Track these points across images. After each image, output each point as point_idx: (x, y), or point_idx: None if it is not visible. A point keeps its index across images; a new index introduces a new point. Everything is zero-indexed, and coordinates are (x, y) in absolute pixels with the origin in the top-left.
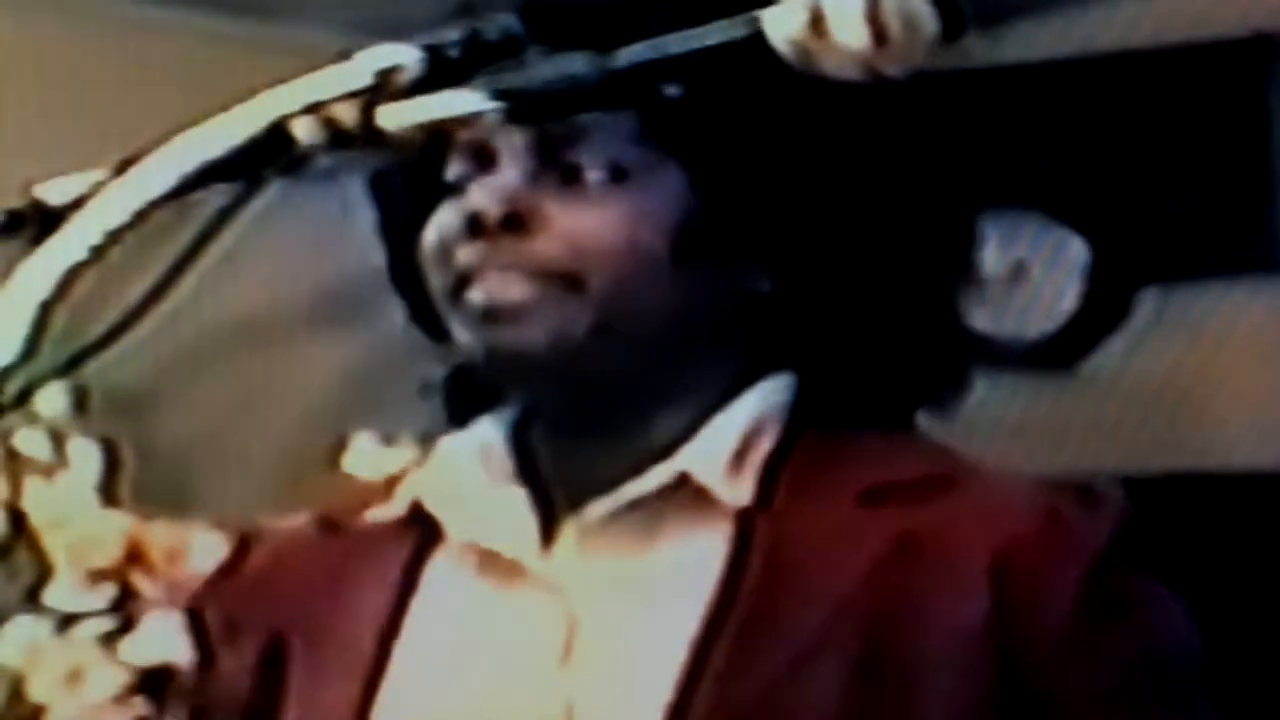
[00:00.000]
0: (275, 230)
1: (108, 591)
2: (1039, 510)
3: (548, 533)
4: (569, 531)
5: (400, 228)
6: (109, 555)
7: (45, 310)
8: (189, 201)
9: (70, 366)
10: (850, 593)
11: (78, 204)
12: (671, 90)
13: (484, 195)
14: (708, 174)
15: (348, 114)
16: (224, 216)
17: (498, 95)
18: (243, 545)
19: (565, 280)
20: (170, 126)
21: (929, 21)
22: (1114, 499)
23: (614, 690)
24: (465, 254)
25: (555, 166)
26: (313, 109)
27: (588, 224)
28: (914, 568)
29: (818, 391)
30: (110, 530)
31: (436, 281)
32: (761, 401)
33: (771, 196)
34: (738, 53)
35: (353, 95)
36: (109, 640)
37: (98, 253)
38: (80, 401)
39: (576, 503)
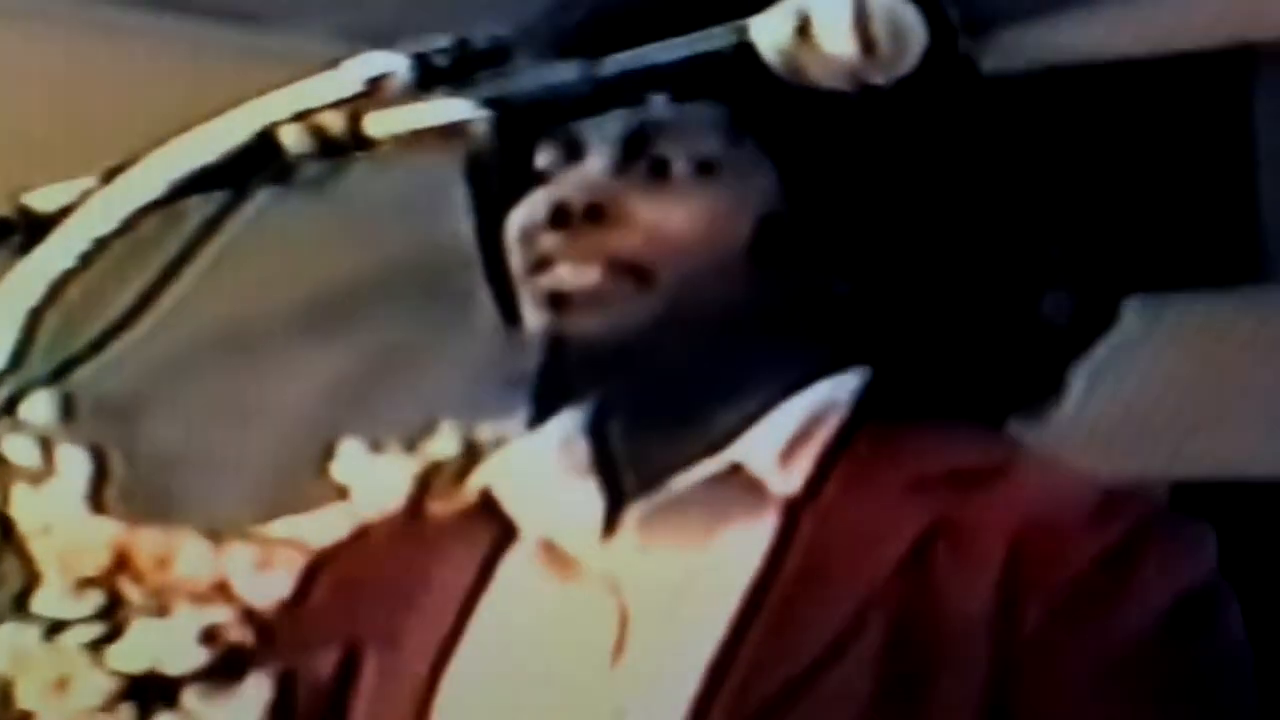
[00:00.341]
0: (263, 238)
1: (95, 598)
2: (1062, 502)
3: (610, 526)
4: (627, 524)
5: (490, 214)
6: (97, 562)
7: (34, 318)
8: (177, 209)
9: (59, 374)
10: (881, 581)
11: (66, 211)
12: (658, 100)
13: (569, 185)
14: (797, 171)
15: (336, 122)
16: (212, 224)
17: (486, 104)
18: (321, 558)
19: (635, 272)
20: (159, 134)
21: (917, 31)
22: (1143, 498)
23: (658, 690)
24: (546, 242)
25: (643, 158)
26: (301, 117)
27: (668, 217)
28: (941, 555)
29: (895, 389)
30: (98, 537)
31: (516, 266)
32: (824, 394)
33: (860, 198)
34: (725, 62)
35: (341, 103)
36: (96, 647)
37: (86, 260)
38: (69, 409)
39: (643, 495)
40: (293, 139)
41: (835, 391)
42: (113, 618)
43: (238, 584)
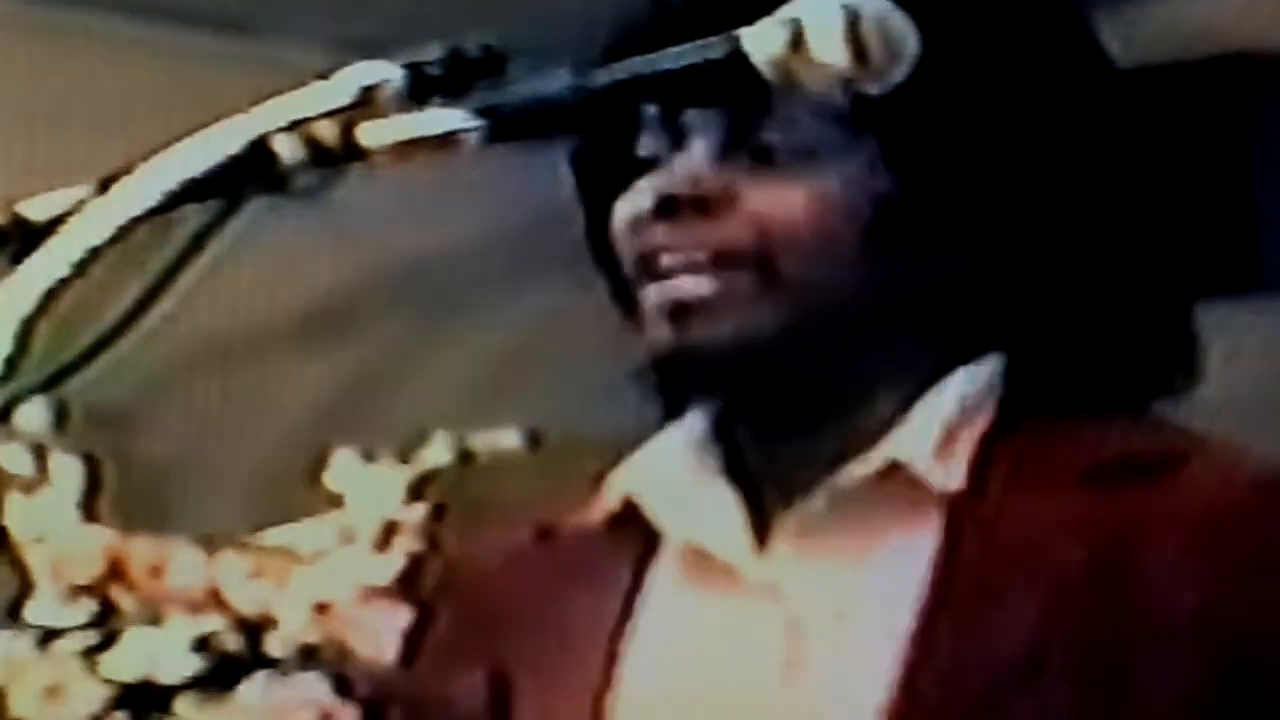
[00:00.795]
0: (257, 247)
1: (88, 607)
2: (1258, 485)
3: (761, 533)
4: (783, 531)
5: (597, 202)
6: (90, 571)
7: (27, 326)
8: (171, 218)
9: (52, 383)
10: (1070, 581)
11: (60, 220)
12: (651, 109)
13: (673, 176)
14: (904, 155)
15: (329, 131)
16: (206, 233)
17: (478, 113)
18: (452, 571)
19: (754, 266)
20: (152, 143)
21: (909, 39)
22: None
23: (841, 705)
24: (653, 235)
25: (747, 146)
26: (294, 126)
27: (777, 205)
28: (1133, 551)
29: (1033, 374)
30: (91, 546)
31: (627, 261)
32: (970, 383)
33: (973, 177)
34: (717, 72)
35: (334, 113)
36: (90, 655)
37: (80, 269)
38: (62, 417)
39: (787, 500)
40: (286, 149)
41: (979, 380)
42: (106, 626)
43: (230, 593)
